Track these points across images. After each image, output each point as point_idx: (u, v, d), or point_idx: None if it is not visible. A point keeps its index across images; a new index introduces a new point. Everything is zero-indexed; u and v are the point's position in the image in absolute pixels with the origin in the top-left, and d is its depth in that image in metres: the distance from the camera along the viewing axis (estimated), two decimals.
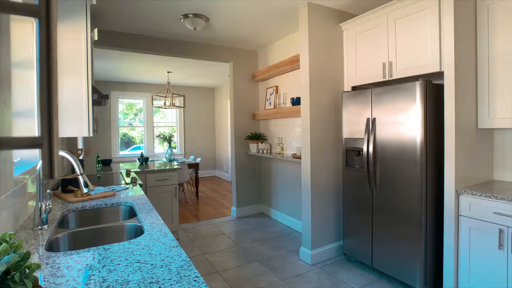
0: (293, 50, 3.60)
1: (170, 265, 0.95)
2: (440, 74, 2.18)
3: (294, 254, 2.99)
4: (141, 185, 2.40)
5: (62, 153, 1.28)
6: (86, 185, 1.28)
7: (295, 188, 3.70)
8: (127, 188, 2.20)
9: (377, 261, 2.47)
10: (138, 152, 7.14)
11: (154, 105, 6.05)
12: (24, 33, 1.68)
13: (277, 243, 3.29)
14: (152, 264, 0.96)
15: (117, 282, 0.85)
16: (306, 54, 2.73)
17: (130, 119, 7.30)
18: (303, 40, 2.76)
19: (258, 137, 4.14)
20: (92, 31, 2.71)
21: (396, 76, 2.40)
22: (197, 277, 0.87)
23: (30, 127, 1.71)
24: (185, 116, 7.69)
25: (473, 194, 2.00)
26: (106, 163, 3.54)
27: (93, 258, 1.01)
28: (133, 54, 4.42)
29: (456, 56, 2.02)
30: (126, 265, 0.95)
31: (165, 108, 5.51)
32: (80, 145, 4.47)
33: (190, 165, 5.35)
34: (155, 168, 3.36)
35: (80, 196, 1.83)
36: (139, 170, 3.25)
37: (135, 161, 5.73)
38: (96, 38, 3.00)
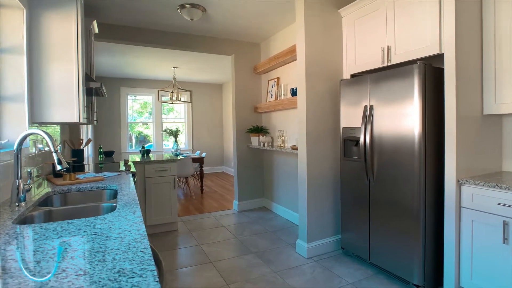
0: (294, 40, 3.52)
1: (125, 237, 0.93)
2: (441, 57, 2.05)
3: (291, 247, 2.92)
4: (134, 173, 2.41)
5: (36, 130, 1.28)
6: (60, 163, 1.28)
7: (296, 181, 3.62)
8: (118, 174, 2.21)
9: (375, 255, 2.37)
10: (150, 149, 7.26)
11: (160, 100, 6.12)
12: (13, 19, 1.71)
13: (276, 236, 3.23)
14: (107, 236, 0.94)
15: (65, 251, 0.83)
16: (302, 42, 2.66)
17: (145, 118, 7.43)
18: (299, 28, 2.69)
19: (259, 130, 4.09)
20: (91, 23, 2.76)
21: (395, 61, 2.29)
22: (145, 248, 0.84)
23: (19, 111, 1.75)
24: (193, 113, 7.75)
25: (475, 184, 1.87)
26: (109, 154, 3.60)
27: (53, 230, 1.00)
28: (138, 49, 4.48)
29: (457, 35, 1.89)
30: (82, 237, 0.94)
31: (171, 103, 5.57)
32: (89, 136, 4.59)
33: (195, 159, 5.37)
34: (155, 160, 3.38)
35: (68, 180, 1.85)
36: (140, 161, 3.28)
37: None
38: (96, 31, 3.05)
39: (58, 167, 1.28)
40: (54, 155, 1.28)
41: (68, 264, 0.74)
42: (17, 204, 1.32)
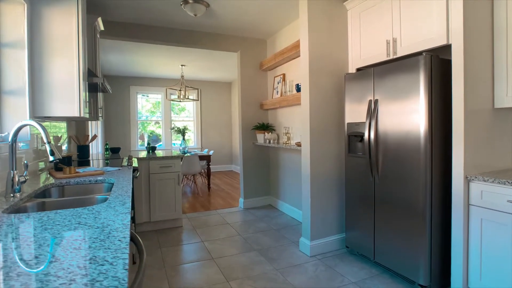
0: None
1: (107, 227, 0.91)
2: (448, 48, 1.96)
3: (294, 245, 2.87)
4: (135, 169, 2.42)
5: (31, 121, 1.29)
6: (52, 153, 1.28)
7: (301, 179, 3.56)
8: (119, 169, 2.22)
9: (379, 254, 2.29)
10: (156, 146, 7.35)
11: (169, 98, 6.17)
12: (14, 13, 1.74)
13: (280, 234, 3.18)
14: (89, 226, 0.93)
15: (44, 239, 0.82)
16: (306, 36, 2.60)
17: (157, 117, 7.51)
18: (303, 21, 2.63)
19: (265, 127, 4.06)
20: (95, 20, 2.79)
21: (400, 53, 2.20)
22: (124, 237, 0.82)
23: (21, 105, 1.78)
24: (202, 111, 7.78)
25: (485, 181, 1.78)
26: (115, 151, 3.65)
27: (39, 219, 1.00)
28: (146, 47, 4.52)
29: (465, 24, 1.80)
30: (65, 226, 0.93)
31: (179, 101, 5.59)
32: (98, 133, 4.68)
33: (202, 157, 5.38)
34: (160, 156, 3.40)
35: (68, 173, 1.87)
36: (145, 157, 3.30)
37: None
38: (102, 28, 3.09)
39: (51, 158, 1.28)
40: (47, 146, 1.29)
41: (43, 252, 0.73)
42: (11, 195, 1.33)
